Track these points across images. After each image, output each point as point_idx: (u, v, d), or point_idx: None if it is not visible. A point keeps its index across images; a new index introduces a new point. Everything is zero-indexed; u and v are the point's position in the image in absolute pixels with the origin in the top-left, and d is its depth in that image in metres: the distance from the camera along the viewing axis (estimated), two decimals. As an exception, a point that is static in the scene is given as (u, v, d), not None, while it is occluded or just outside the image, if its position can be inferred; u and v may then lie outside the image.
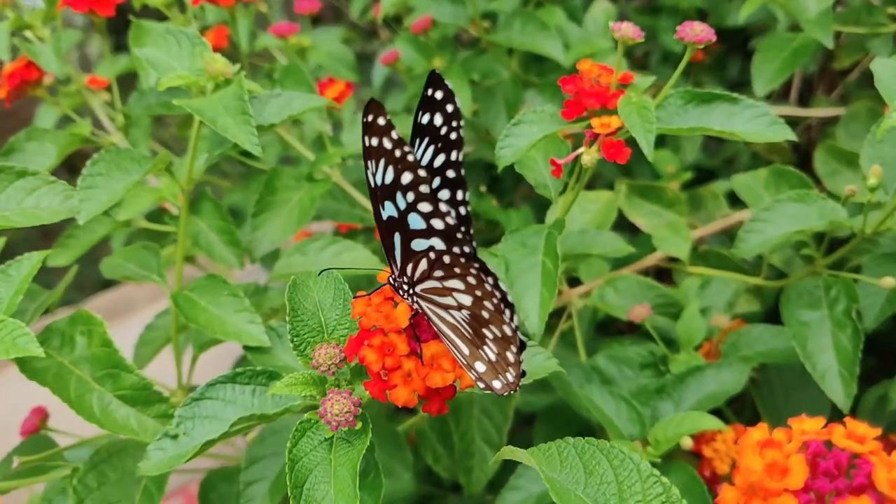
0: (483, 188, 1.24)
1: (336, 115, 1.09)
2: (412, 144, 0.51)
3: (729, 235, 1.09)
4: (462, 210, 0.52)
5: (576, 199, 0.71)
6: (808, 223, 0.74)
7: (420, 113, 0.50)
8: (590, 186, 1.17)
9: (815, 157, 0.94)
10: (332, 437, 0.51)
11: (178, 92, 0.69)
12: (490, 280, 0.47)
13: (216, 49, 1.12)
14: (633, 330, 0.99)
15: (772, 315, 0.86)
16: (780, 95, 1.33)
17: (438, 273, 0.48)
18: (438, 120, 0.50)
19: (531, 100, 1.14)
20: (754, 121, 0.65)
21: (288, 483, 0.49)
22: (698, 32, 0.62)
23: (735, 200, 1.04)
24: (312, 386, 0.52)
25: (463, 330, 0.49)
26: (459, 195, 0.52)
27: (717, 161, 1.34)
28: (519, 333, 0.50)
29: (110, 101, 1.00)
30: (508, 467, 0.71)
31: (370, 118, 0.46)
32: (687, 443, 0.72)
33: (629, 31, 0.63)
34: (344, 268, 0.81)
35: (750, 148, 1.27)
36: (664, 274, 1.15)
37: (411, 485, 0.89)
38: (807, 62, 1.14)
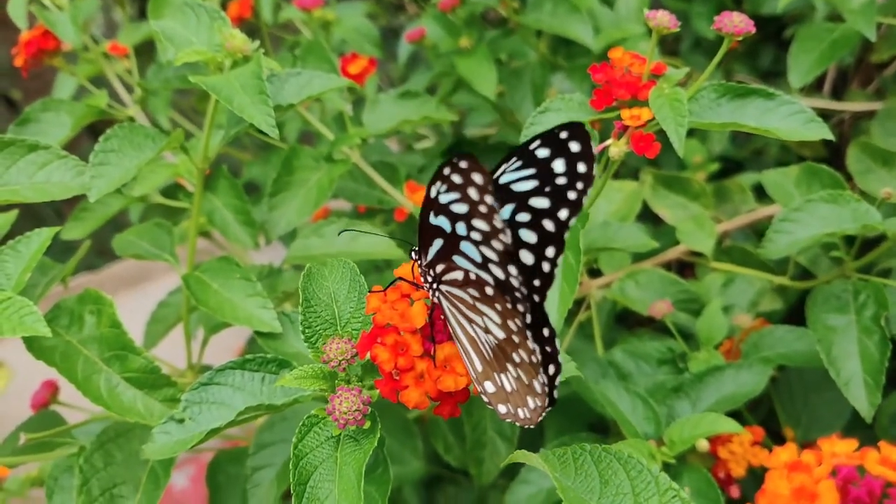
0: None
1: (359, 91, 1.07)
2: (507, 160, 0.45)
3: (755, 230, 1.07)
4: (545, 266, 0.47)
5: (601, 190, 0.69)
6: (840, 225, 0.72)
7: (538, 143, 0.45)
8: (615, 174, 1.15)
9: (848, 153, 0.91)
10: (340, 434, 0.50)
11: (195, 67, 0.68)
12: (546, 331, 0.45)
13: (240, 20, 1.10)
14: (652, 322, 0.97)
15: (794, 313, 0.84)
16: (813, 87, 1.29)
17: (472, 292, 0.45)
18: (559, 167, 0.45)
19: (559, 83, 1.11)
20: (790, 118, 0.62)
21: (291, 479, 0.47)
22: (737, 24, 0.60)
23: (762, 194, 1.02)
24: (322, 380, 0.50)
25: (482, 347, 0.47)
26: (550, 252, 0.47)
27: (745, 152, 1.31)
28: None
29: (129, 70, 0.98)
30: (520, 456, 0.70)
31: (465, 165, 0.40)
32: (703, 445, 0.70)
33: (665, 19, 0.61)
34: (364, 235, 0.79)
35: (779, 140, 1.24)
36: (686, 266, 1.12)
37: (421, 471, 0.88)
38: (845, 54, 1.11)
